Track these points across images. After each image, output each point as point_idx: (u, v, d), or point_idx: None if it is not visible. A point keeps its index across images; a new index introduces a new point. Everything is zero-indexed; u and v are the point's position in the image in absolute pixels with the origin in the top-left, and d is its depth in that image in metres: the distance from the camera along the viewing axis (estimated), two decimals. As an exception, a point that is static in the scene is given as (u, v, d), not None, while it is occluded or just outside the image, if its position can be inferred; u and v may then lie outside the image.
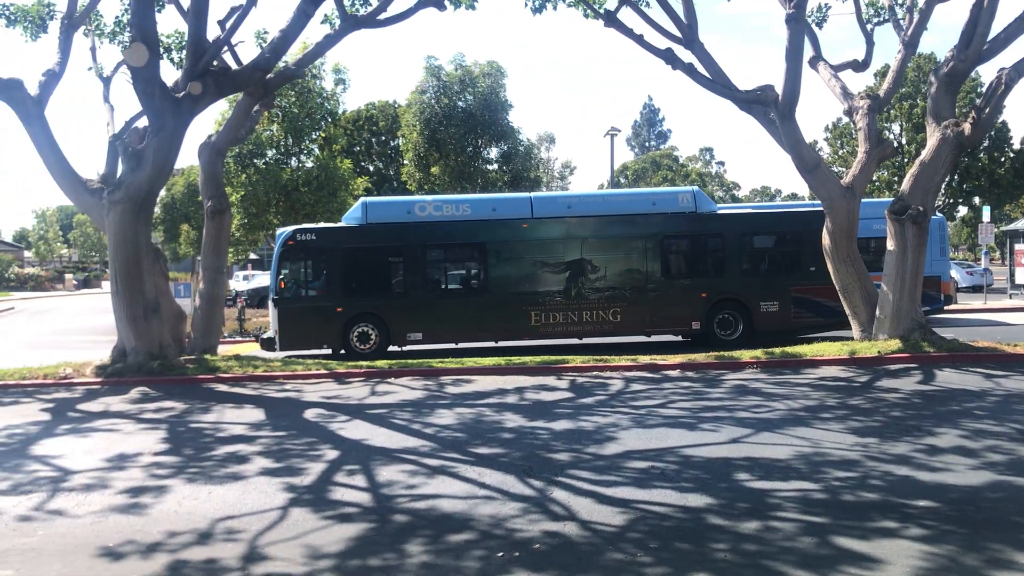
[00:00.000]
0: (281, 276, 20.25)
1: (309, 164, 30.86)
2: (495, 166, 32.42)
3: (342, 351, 20.06)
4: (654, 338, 20.96)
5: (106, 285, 26.75)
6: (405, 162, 36.56)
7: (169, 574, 6.21)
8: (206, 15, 16.82)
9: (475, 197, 24.38)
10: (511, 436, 10.47)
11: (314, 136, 31.25)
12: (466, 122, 30.27)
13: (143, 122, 17.45)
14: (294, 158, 30.77)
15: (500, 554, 6.40)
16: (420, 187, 32.48)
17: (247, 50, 45.09)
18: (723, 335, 20.16)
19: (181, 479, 8.81)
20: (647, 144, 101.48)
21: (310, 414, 12.49)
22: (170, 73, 17.01)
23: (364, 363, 17.14)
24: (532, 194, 22.56)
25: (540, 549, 6.49)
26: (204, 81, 16.51)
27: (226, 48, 18.00)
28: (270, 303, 20.68)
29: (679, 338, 21.32)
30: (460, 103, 30.53)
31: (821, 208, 18.37)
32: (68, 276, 79.69)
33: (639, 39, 18.20)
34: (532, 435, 10.50)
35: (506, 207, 20.86)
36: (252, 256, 62.17)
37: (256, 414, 12.69)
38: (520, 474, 8.58)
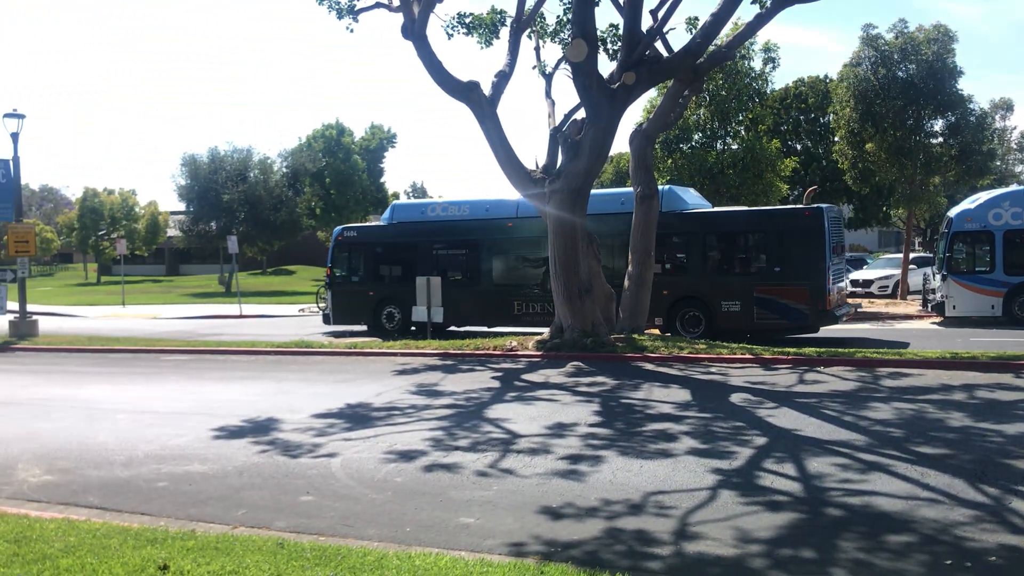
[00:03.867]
0: (332, 265, 24.62)
1: (735, 146, 30.66)
2: (939, 139, 29.65)
3: (375, 327, 23.61)
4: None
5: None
6: (836, 139, 34.82)
7: (604, 538, 6.59)
8: (640, 7, 17.39)
9: (474, 200, 25.57)
10: (957, 436, 9.56)
11: (740, 117, 30.96)
12: (906, 93, 27.97)
13: (581, 114, 18.54)
14: (720, 141, 30.77)
15: (948, 562, 5.90)
16: (853, 165, 30.74)
17: (677, 37, 45.85)
18: (686, 332, 20.20)
19: (614, 451, 9.28)
20: None
21: (736, 398, 12.46)
22: (603, 65, 17.89)
23: (791, 349, 16.68)
24: (519, 198, 22.65)
25: (996, 562, 5.88)
26: (638, 70, 17.11)
27: (658, 37, 18.46)
28: (323, 286, 24.87)
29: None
30: (900, 73, 28.31)
31: (787, 208, 17.96)
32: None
33: None
34: (982, 437, 9.50)
35: (497, 208, 23.32)
36: (676, 239, 63.32)
37: (682, 394, 12.95)
38: (970, 479, 7.81)
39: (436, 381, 14.79)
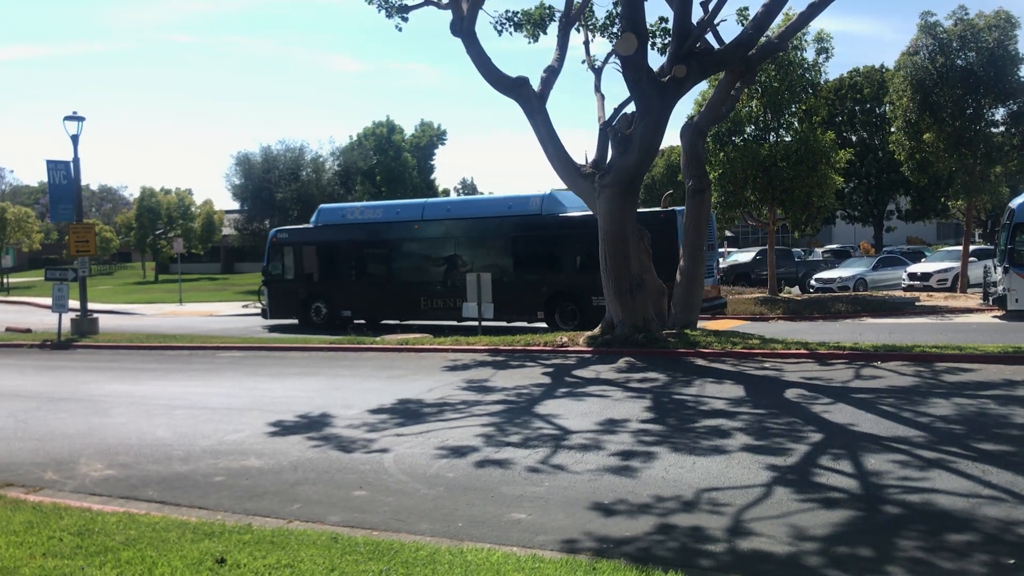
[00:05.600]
0: (268, 264, 27.15)
1: (788, 138, 30.16)
2: (1001, 128, 28.86)
3: (304, 322, 26.11)
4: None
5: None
6: (893, 130, 34.11)
7: (657, 535, 6.54)
8: (691, -1, 17.21)
9: (387, 203, 28.21)
10: (1021, 433, 9.31)
11: (793, 109, 30.45)
12: (965, 81, 27.24)
13: (631, 108, 18.42)
14: (772, 133, 30.28)
15: (1011, 561, 5.75)
16: (910, 156, 30.06)
17: (728, 28, 45.28)
18: (563, 325, 21.79)
19: (666, 447, 9.21)
20: None
21: (791, 394, 12.29)
22: (653, 59, 17.80)
23: (848, 344, 16.40)
24: (425, 200, 27.26)
25: (1062, 564, 5.71)
26: (688, 63, 16.95)
27: (708, 29, 18.26)
28: (261, 283, 27.47)
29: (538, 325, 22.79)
30: (959, 61, 27.58)
31: (644, 212, 20.67)
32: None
33: None
34: (1048, 434, 9.25)
35: (406, 211, 25.52)
36: (728, 233, 62.72)
37: (735, 390, 12.81)
38: (1034, 477, 7.61)
39: (486, 377, 14.82)
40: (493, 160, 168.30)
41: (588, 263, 21.58)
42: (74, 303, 25.86)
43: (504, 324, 23.21)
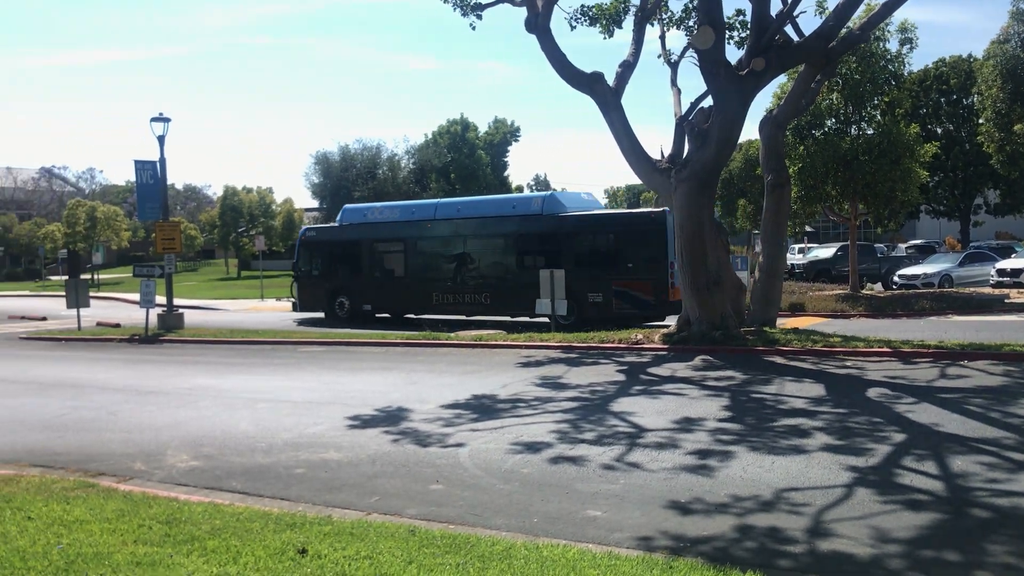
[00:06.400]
0: (298, 261, 28.42)
1: (870, 131, 29.41)
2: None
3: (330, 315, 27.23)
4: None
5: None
6: (981, 121, 33.02)
7: (734, 535, 6.47)
8: (770, -9, 16.92)
9: (403, 203, 29.44)
10: (1120, 436, 8.95)
11: (876, 101, 29.66)
12: (1059, 71, 26.30)
13: (708, 102, 18.21)
14: (854, 126, 29.56)
15: (1108, 571, 5.53)
16: (1000, 148, 29.05)
17: (807, 20, 44.45)
18: (562, 320, 21.64)
19: (744, 446, 9.10)
20: None
21: (873, 393, 12.01)
22: (730, 52, 17.59)
23: (932, 343, 15.94)
24: (438, 200, 28.44)
25: None
26: (767, 56, 16.67)
27: (787, 21, 17.93)
28: (292, 278, 28.91)
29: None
30: (1052, 49, 26.63)
31: (637, 212, 22.41)
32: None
33: None
34: None
35: (421, 211, 26.50)
36: (808, 229, 61.45)
37: (816, 389, 12.58)
38: None
39: (560, 374, 14.83)
40: (566, 156, 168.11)
41: (584, 260, 22.76)
42: (160, 299, 26.65)
43: (507, 319, 24.12)
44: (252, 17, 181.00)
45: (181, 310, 27.61)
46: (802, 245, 52.94)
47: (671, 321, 21.38)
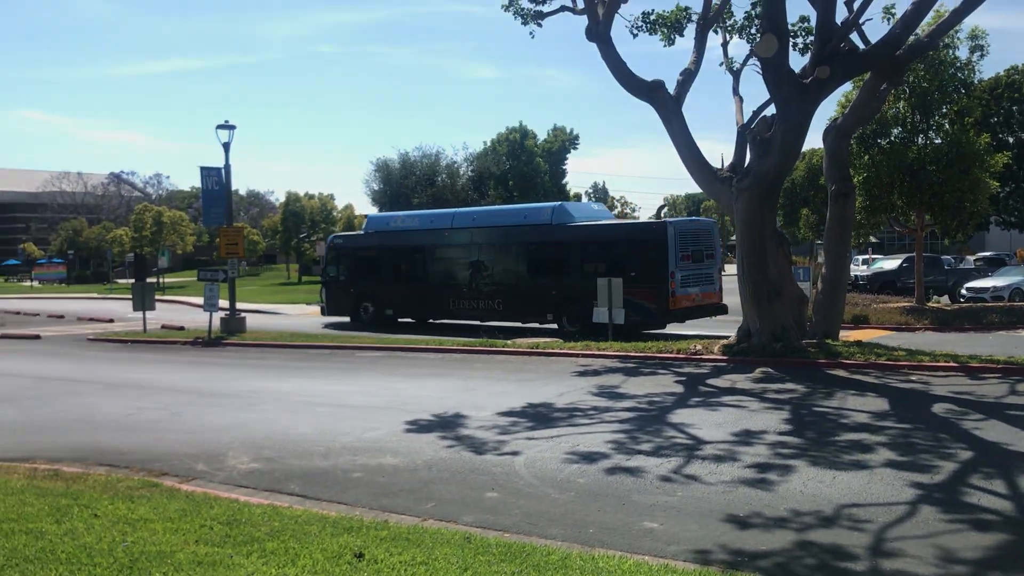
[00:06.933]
0: (326, 267, 29.48)
1: (938, 141, 28.73)
2: None
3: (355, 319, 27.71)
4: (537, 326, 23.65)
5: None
6: (1055, 131, 32.10)
7: (794, 550, 6.35)
8: (835, -2, 16.66)
9: (424, 212, 30.58)
10: None
11: (944, 110, 28.99)
12: None
13: (770, 110, 17.97)
14: (921, 135, 28.93)
15: None
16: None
17: (873, 28, 43.59)
18: (569, 327, 22.58)
19: (805, 461, 8.94)
20: None
21: (938, 408, 11.72)
22: (794, 60, 17.36)
23: (1001, 358, 15.50)
24: (455, 210, 29.62)
25: None
26: (831, 64, 16.41)
27: (853, 29, 17.63)
28: (321, 284, 29.90)
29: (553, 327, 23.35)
30: None
31: (641, 223, 20.97)
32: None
33: None
34: None
35: (439, 220, 27.28)
36: (872, 240, 60.25)
37: (879, 403, 12.32)
38: None
39: (617, 384, 14.75)
40: (626, 164, 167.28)
41: (592, 269, 22.69)
42: (223, 303, 27.13)
43: (519, 325, 24.14)
44: (317, 26, 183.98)
45: (243, 314, 28.13)
46: (866, 256, 51.95)
47: (672, 329, 22.24)
